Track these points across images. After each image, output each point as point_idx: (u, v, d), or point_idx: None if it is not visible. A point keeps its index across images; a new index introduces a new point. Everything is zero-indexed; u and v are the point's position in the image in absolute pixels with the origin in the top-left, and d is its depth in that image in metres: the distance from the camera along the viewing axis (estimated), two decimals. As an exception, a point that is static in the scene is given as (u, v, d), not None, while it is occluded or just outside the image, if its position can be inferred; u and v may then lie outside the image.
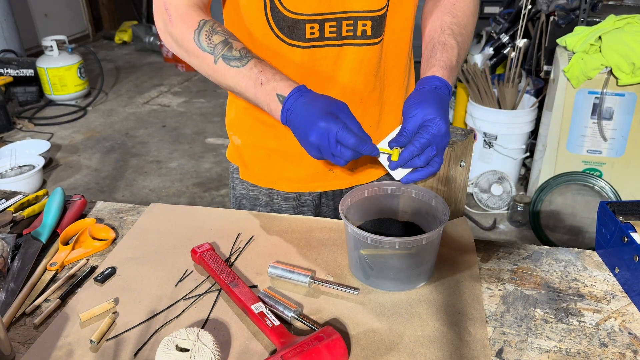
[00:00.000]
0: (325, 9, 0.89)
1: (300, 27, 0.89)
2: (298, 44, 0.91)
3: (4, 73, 4.18)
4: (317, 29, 0.90)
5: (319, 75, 0.95)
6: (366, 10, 0.90)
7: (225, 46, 0.84)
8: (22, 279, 0.87)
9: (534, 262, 0.91)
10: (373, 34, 0.93)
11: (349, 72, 0.96)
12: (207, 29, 0.85)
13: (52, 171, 3.43)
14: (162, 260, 0.92)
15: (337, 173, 1.08)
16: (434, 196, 0.88)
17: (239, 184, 1.15)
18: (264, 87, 0.81)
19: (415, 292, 0.84)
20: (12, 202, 1.09)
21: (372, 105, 1.03)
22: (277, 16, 0.89)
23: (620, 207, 0.90)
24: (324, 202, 1.15)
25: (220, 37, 0.85)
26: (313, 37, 0.91)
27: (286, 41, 0.91)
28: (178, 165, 3.48)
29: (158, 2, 0.89)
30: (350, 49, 0.93)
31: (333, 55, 0.94)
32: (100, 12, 6.89)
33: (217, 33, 0.85)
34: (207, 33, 0.85)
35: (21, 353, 0.73)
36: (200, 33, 0.85)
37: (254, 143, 1.08)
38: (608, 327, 0.77)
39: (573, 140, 2.54)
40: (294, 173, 1.07)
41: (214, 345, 0.69)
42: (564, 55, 2.48)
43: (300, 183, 1.09)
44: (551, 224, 2.63)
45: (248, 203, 1.15)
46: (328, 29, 0.90)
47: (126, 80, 5.20)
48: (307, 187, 1.09)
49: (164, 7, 0.87)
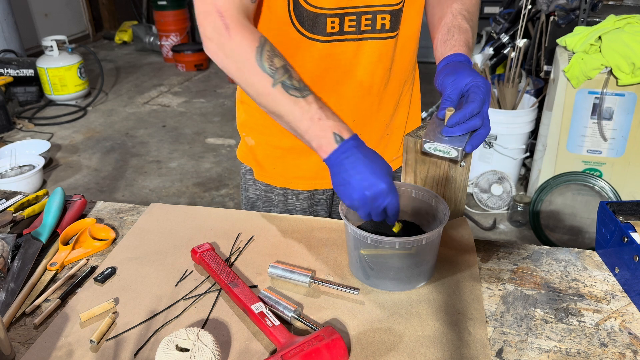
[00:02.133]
0: (346, 3, 0.90)
1: (321, 22, 0.90)
2: (318, 38, 0.92)
3: (4, 73, 4.18)
4: (337, 23, 0.91)
5: (337, 69, 0.96)
6: (385, 4, 0.92)
7: (286, 73, 0.81)
8: (22, 279, 0.87)
9: (534, 262, 0.91)
10: (391, 28, 0.94)
11: (367, 66, 0.97)
12: (268, 48, 0.82)
13: (52, 171, 3.43)
14: (162, 260, 0.92)
15: None
16: (434, 196, 0.88)
17: (252, 184, 1.15)
18: (321, 123, 0.80)
19: (415, 292, 0.84)
20: (12, 202, 1.09)
21: (387, 99, 1.04)
22: (299, 11, 0.89)
23: (620, 207, 0.90)
24: (335, 202, 1.16)
25: (281, 62, 0.82)
26: (333, 32, 0.92)
27: (307, 35, 0.92)
28: (178, 165, 3.48)
29: (207, 7, 0.82)
30: (369, 42, 0.95)
31: (352, 50, 0.95)
32: (100, 12, 6.89)
33: (277, 56, 0.83)
34: (269, 54, 0.81)
35: (21, 353, 0.73)
36: (263, 52, 0.81)
37: (268, 142, 1.08)
38: (608, 327, 0.77)
39: (573, 140, 2.54)
40: (309, 171, 1.08)
41: (214, 345, 0.69)
42: (564, 55, 2.48)
43: (316, 180, 1.10)
44: (551, 224, 2.63)
45: (262, 204, 1.15)
46: (348, 23, 0.91)
47: (126, 80, 5.20)
48: (322, 184, 1.10)
49: (217, 13, 0.81)
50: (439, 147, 0.84)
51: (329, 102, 0.97)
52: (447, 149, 0.83)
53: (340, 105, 0.99)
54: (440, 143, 0.83)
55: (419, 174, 0.96)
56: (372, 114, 1.03)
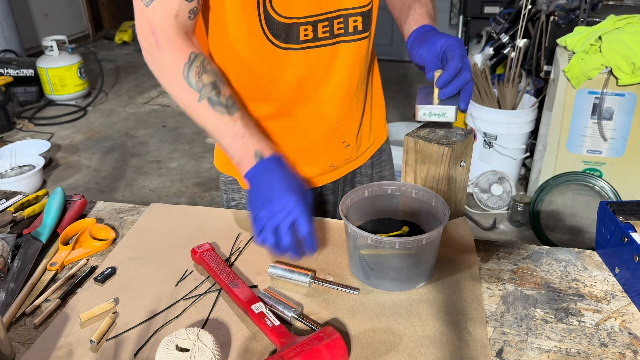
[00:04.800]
0: (317, 10, 0.90)
1: (294, 31, 0.90)
2: (293, 46, 0.92)
3: (4, 73, 4.18)
4: (311, 30, 0.91)
5: (315, 75, 0.96)
6: (355, 7, 0.93)
7: (214, 89, 0.84)
8: (22, 279, 0.87)
9: (534, 262, 0.91)
10: (364, 28, 0.96)
11: (344, 68, 0.97)
12: (197, 64, 0.84)
13: (52, 171, 3.43)
14: (162, 260, 0.92)
15: (337, 165, 1.10)
16: (434, 196, 0.88)
17: (235, 194, 1.14)
18: (244, 140, 0.83)
19: (415, 292, 0.84)
20: (12, 202, 1.09)
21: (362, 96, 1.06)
22: (271, 23, 0.89)
23: (620, 207, 0.90)
24: (327, 199, 1.16)
25: (210, 78, 0.85)
26: (307, 39, 0.92)
27: (281, 46, 0.92)
28: (178, 165, 3.48)
29: (142, 22, 0.85)
30: (343, 45, 0.95)
31: (328, 54, 0.95)
32: (101, 12, 6.88)
33: (207, 72, 0.85)
34: (198, 70, 0.84)
35: (21, 353, 0.73)
36: (191, 68, 0.84)
37: None
38: (608, 327, 0.77)
39: (573, 140, 2.54)
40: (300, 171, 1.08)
41: (214, 345, 0.69)
42: (564, 55, 2.48)
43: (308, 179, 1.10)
44: (551, 224, 2.63)
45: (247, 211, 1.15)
46: (321, 29, 0.92)
47: (126, 80, 5.20)
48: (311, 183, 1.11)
49: (150, 29, 0.84)
50: (433, 110, 0.85)
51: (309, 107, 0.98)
52: (442, 110, 0.85)
53: (322, 108, 1.00)
54: (434, 105, 0.85)
55: (419, 174, 0.96)
56: (352, 111, 1.05)
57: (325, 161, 1.08)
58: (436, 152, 0.92)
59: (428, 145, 0.92)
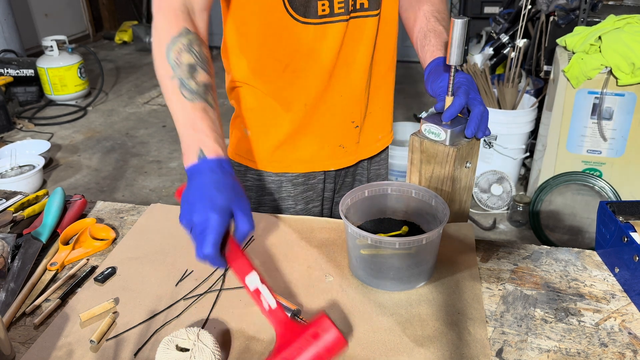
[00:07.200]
0: None
1: (312, 5, 0.94)
2: (311, 21, 0.95)
3: (4, 73, 4.18)
4: (327, 5, 0.95)
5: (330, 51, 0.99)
6: None
7: (189, 72, 0.83)
8: (22, 279, 0.87)
9: (534, 262, 0.91)
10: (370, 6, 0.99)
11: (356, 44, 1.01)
12: (184, 41, 0.84)
13: (52, 171, 3.43)
14: (162, 260, 0.92)
15: (347, 148, 1.12)
16: (434, 196, 0.88)
17: (240, 177, 1.16)
18: (195, 134, 0.79)
19: (415, 292, 0.84)
20: (12, 202, 1.09)
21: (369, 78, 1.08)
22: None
23: (620, 207, 0.91)
24: (327, 187, 1.18)
25: (190, 60, 0.83)
26: (324, 14, 0.96)
27: (300, 19, 0.95)
28: (178, 165, 3.48)
29: None
30: (357, 21, 0.99)
31: (341, 30, 0.98)
32: (101, 12, 6.88)
33: (191, 53, 0.84)
34: (182, 47, 0.84)
35: (21, 353, 0.73)
36: (175, 43, 0.84)
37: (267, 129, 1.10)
38: (608, 327, 0.77)
39: (573, 140, 2.54)
40: (306, 152, 1.10)
41: (214, 345, 0.69)
42: (563, 55, 2.48)
43: (314, 162, 1.11)
44: (551, 224, 2.63)
45: (254, 194, 1.16)
46: (337, 5, 0.96)
47: (126, 80, 5.20)
48: (320, 166, 1.12)
49: None
50: (432, 129, 0.93)
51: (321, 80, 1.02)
52: (438, 130, 0.92)
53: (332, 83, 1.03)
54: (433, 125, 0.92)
55: (423, 173, 0.96)
56: (361, 90, 1.07)
57: (334, 139, 1.10)
58: (442, 153, 0.92)
59: (434, 146, 0.92)
